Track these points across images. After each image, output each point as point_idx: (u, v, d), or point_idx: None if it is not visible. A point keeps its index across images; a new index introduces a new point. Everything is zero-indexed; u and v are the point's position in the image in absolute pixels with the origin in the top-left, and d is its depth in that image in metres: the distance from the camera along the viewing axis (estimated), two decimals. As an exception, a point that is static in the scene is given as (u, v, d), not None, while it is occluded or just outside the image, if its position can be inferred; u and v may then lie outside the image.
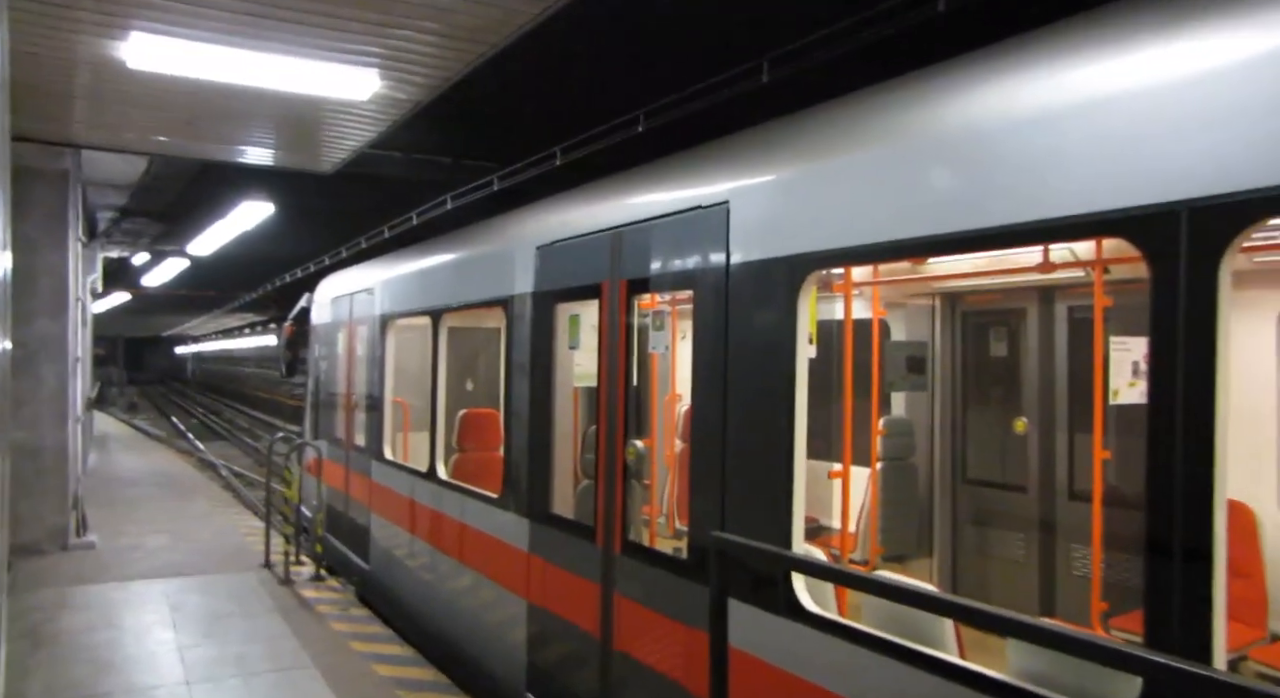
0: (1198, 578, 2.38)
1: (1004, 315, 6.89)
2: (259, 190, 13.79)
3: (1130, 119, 2.63)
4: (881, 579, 3.03)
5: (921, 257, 5.17)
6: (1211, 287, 2.36)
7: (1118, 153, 2.64)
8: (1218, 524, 2.35)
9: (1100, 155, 2.69)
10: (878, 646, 3.29)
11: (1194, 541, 2.38)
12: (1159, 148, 2.54)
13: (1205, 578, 2.36)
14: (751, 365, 4.03)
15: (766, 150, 4.25)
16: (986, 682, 2.88)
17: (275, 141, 9.59)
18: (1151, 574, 2.49)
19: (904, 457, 7.00)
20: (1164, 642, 2.43)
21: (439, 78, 7.05)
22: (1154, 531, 2.48)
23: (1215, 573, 2.35)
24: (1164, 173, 2.51)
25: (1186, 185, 2.45)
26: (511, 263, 6.36)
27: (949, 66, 3.56)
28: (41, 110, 8.23)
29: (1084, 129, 2.75)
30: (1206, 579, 2.36)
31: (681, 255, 4.53)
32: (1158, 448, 2.48)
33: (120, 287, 29.92)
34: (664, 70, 8.41)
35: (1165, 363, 2.47)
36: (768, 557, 3.72)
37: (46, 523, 11.21)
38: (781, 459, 3.83)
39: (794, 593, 3.69)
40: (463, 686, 6.93)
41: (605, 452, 5.14)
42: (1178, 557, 2.42)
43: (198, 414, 47.83)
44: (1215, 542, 2.35)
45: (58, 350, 11.38)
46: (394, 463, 8.87)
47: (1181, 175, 2.47)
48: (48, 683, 6.76)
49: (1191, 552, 2.39)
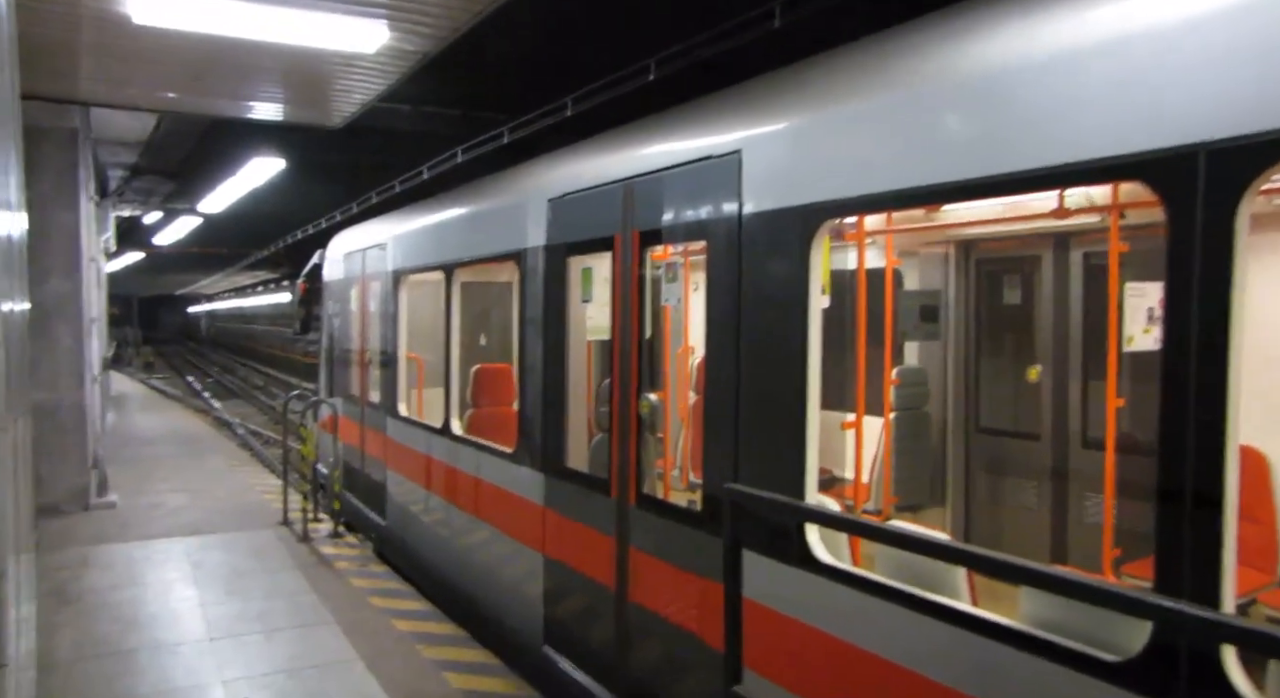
0: (1208, 524, 2.37)
1: (1018, 263, 6.84)
2: (269, 146, 13.78)
3: (1147, 60, 2.58)
4: (893, 529, 3.03)
5: (936, 204, 5.12)
6: (1229, 231, 2.33)
7: (1135, 95, 2.59)
8: (1229, 471, 2.34)
9: (1117, 97, 2.64)
10: (891, 595, 3.31)
11: (1205, 487, 2.37)
12: (1177, 89, 2.49)
13: (1216, 524, 2.36)
14: (764, 316, 4.02)
15: (778, 98, 4.19)
16: (999, 629, 2.90)
17: (283, 96, 9.55)
18: (1162, 520, 2.49)
19: (917, 406, 6.99)
20: (1174, 588, 2.44)
21: (448, 28, 6.96)
22: (1166, 477, 2.47)
23: (1226, 519, 2.35)
24: (1182, 114, 2.46)
25: (1204, 127, 2.40)
26: (523, 216, 6.33)
27: (963, 9, 3.49)
28: (48, 67, 8.20)
29: (1100, 71, 2.70)
30: (1217, 525, 2.36)
31: (694, 206, 4.50)
32: (1171, 394, 2.46)
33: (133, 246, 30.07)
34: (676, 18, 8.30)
35: (1180, 308, 2.45)
36: (780, 508, 3.73)
37: (68, 483, 11.36)
38: (795, 410, 3.82)
39: (807, 544, 3.71)
40: (480, 639, 7.03)
41: (619, 405, 5.15)
42: (1189, 503, 2.41)
43: (213, 373, 48.14)
44: (1226, 488, 2.34)
45: (73, 310, 11.45)
46: (409, 419, 8.91)
47: (1200, 117, 2.42)
48: (75, 640, 6.88)
49: (1203, 498, 2.38)
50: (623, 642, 5.14)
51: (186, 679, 6.19)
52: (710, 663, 4.35)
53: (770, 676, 3.93)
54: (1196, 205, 2.40)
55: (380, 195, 18.24)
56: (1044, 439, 6.61)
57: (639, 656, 5.02)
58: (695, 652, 4.50)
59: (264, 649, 6.71)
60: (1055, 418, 6.54)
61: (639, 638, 5.01)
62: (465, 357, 8.20)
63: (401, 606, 7.78)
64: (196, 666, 6.40)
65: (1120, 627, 2.64)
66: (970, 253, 7.02)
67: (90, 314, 12.38)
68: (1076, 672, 2.65)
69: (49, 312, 11.05)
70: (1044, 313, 6.60)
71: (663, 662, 4.82)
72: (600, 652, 5.37)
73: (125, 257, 33.69)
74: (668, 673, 4.78)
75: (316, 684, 6.10)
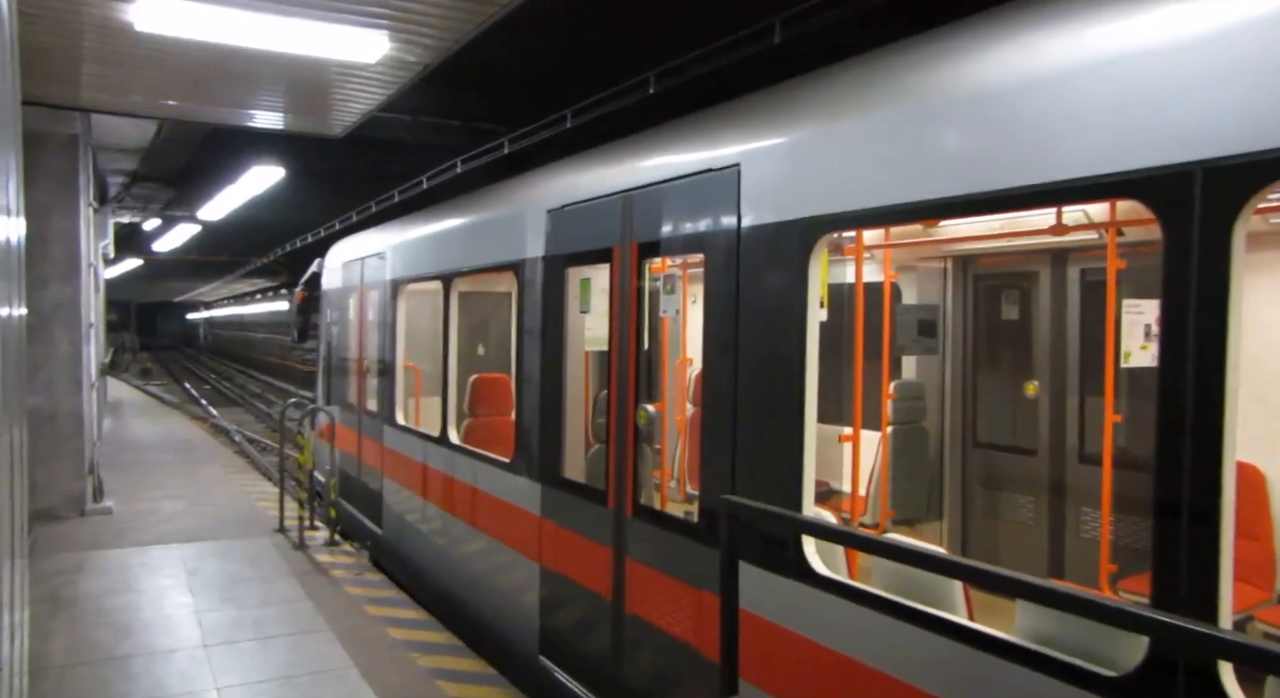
0: (1206, 539, 2.38)
1: (1016, 278, 6.86)
2: (269, 154, 13.79)
3: (1145, 79, 2.60)
4: (887, 541, 3.04)
5: (932, 219, 5.14)
6: (1225, 249, 2.34)
7: (1132, 113, 2.61)
8: (1226, 488, 2.35)
9: (1114, 116, 2.66)
10: (886, 608, 3.32)
11: (1202, 502, 2.38)
12: (1173, 108, 2.51)
13: (1213, 541, 2.37)
14: (762, 329, 4.03)
15: (777, 113, 4.22)
16: (995, 643, 2.90)
17: (284, 105, 9.56)
18: (1159, 537, 2.50)
19: (915, 420, 7.01)
20: (1171, 603, 2.45)
21: (449, 39, 6.99)
22: (1163, 493, 2.48)
23: (1223, 536, 2.36)
24: (1178, 133, 2.48)
25: (1201, 146, 2.42)
26: (522, 227, 6.35)
27: (961, 27, 3.52)
28: (49, 73, 8.20)
29: (1098, 89, 2.72)
30: (1214, 542, 2.37)
31: (692, 218, 4.52)
32: (1168, 411, 2.48)
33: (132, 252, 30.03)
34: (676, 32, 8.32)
35: (1177, 326, 2.46)
36: (777, 520, 3.73)
37: (64, 489, 11.32)
38: (792, 423, 3.83)
39: (804, 556, 3.72)
40: (475, 648, 7.01)
41: (616, 416, 5.16)
42: (1186, 518, 2.42)
43: (210, 380, 48.10)
44: (1224, 505, 2.36)
45: (71, 316, 11.42)
46: (406, 428, 8.92)
47: (1196, 136, 2.44)
48: (69, 645, 6.86)
49: (1199, 513, 2.39)
50: (618, 652, 5.14)
51: (181, 686, 6.16)
52: (706, 675, 4.35)
53: (765, 686, 3.93)
54: (1193, 224, 2.41)
55: (380, 205, 18.26)
56: (1041, 454, 6.63)
57: (635, 666, 5.02)
58: (691, 663, 4.49)
59: (259, 657, 6.69)
60: (1052, 433, 6.56)
61: (635, 649, 5.01)
62: (463, 366, 8.21)
63: (397, 614, 7.77)
64: (191, 672, 6.38)
65: (1118, 642, 2.65)
66: (969, 268, 7.04)
67: (88, 320, 12.38)
68: (1072, 686, 2.66)
69: (47, 317, 11.04)
70: (1041, 329, 6.62)
71: (658, 673, 4.81)
72: (596, 662, 5.36)
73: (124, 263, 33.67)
74: (663, 684, 4.78)
75: (311, 692, 6.09)
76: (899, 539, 3.22)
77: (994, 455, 6.97)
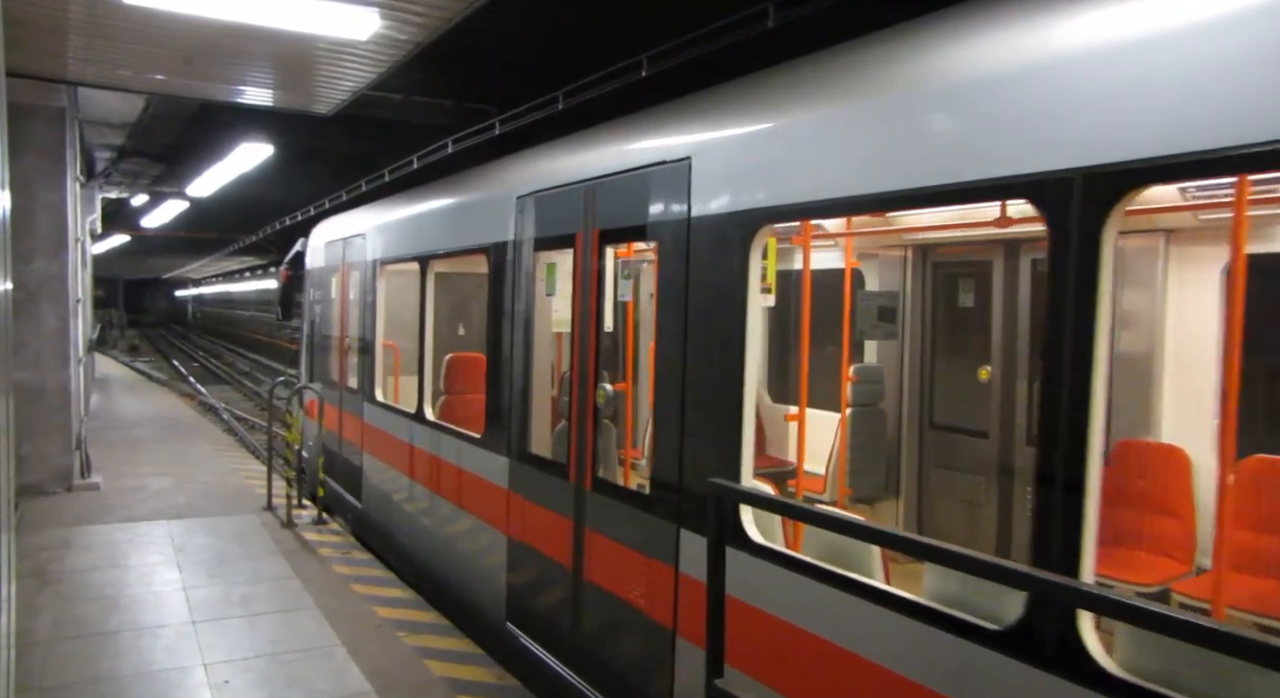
0: (1073, 509, 2.65)
1: (972, 267, 7.10)
2: (258, 132, 13.76)
3: (1038, 90, 2.85)
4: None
5: (859, 213, 5.39)
6: (1096, 247, 2.59)
7: (1029, 122, 2.86)
8: (1092, 462, 2.62)
9: (1015, 124, 2.91)
10: (810, 572, 3.59)
11: (1073, 476, 2.65)
12: (1064, 118, 2.76)
13: (1078, 509, 2.64)
14: (708, 313, 4.28)
15: (725, 109, 4.46)
16: (906, 604, 3.17)
17: (274, 82, 9.56)
18: (1039, 506, 2.76)
19: (874, 403, 7.26)
20: (1046, 563, 2.72)
21: (440, 18, 6.98)
22: (1043, 467, 2.75)
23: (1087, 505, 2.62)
24: (1065, 141, 2.73)
25: (1081, 154, 2.67)
26: (494, 212, 6.57)
27: (901, 31, 3.74)
28: (36, 45, 8.14)
29: (1002, 98, 2.97)
30: (1079, 510, 2.64)
31: (648, 208, 4.76)
32: (1047, 393, 2.74)
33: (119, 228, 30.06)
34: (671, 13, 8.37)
35: (1057, 314, 2.71)
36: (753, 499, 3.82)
37: (51, 464, 11.36)
38: (734, 402, 4.09)
39: (741, 524, 3.98)
40: (450, 617, 7.26)
41: (578, 394, 5.40)
42: (1059, 490, 2.69)
43: (198, 357, 48.10)
44: (1089, 477, 2.62)
45: (58, 290, 11.44)
46: (385, 405, 9.15)
47: (1079, 144, 2.69)
48: (55, 620, 6.91)
49: (1070, 486, 2.65)
50: (578, 619, 5.41)
51: (168, 662, 6.23)
52: (652, 635, 4.62)
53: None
54: (1071, 224, 2.67)
55: (369, 184, 18.31)
56: (992, 436, 6.89)
57: (590, 630, 5.29)
58: (640, 625, 4.76)
59: (246, 633, 6.77)
60: (1003, 416, 6.82)
61: (591, 613, 5.28)
62: (439, 345, 8.42)
63: (383, 593, 7.88)
64: (178, 648, 6.45)
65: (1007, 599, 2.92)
66: (928, 256, 7.28)
67: (75, 295, 12.43)
68: (965, 640, 2.93)
69: (34, 292, 11.08)
70: (995, 316, 6.86)
71: (611, 635, 5.09)
72: (557, 627, 5.64)
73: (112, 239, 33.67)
74: (615, 645, 5.05)
75: (298, 669, 6.17)
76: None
77: (949, 437, 7.23)
